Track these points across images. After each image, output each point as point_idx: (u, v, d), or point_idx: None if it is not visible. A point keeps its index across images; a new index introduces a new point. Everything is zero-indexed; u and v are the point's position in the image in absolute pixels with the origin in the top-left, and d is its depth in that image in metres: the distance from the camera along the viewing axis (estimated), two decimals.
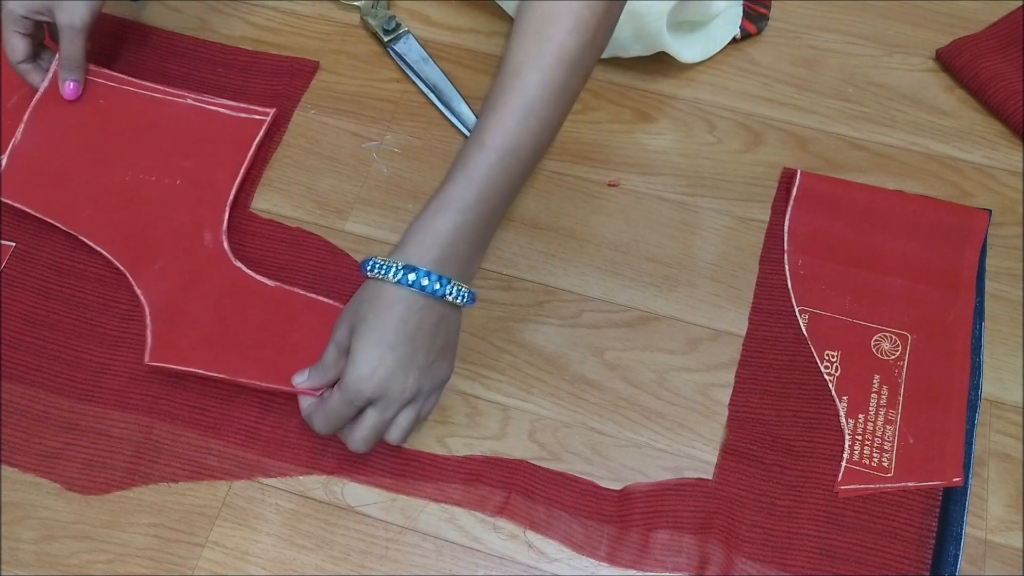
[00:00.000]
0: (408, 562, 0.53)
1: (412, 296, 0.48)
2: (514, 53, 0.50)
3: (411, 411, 0.51)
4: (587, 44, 0.50)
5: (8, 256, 0.62)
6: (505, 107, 0.49)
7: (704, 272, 0.62)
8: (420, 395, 0.51)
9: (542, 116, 0.49)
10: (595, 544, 0.53)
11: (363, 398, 0.49)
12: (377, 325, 0.48)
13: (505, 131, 0.49)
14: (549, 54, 0.49)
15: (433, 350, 0.50)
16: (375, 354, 0.48)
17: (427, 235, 0.49)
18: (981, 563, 0.53)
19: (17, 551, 0.53)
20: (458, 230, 0.49)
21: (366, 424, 0.50)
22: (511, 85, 0.49)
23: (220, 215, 0.62)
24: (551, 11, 0.49)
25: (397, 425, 0.51)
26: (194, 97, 0.66)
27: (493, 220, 0.51)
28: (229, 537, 0.54)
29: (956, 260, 0.62)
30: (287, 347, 0.56)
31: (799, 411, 0.57)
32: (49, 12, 0.62)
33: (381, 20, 0.72)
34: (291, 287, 0.59)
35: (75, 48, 0.63)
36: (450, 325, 0.51)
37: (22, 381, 0.58)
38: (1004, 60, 0.69)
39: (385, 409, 0.50)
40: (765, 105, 0.70)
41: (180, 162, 0.64)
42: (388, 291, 0.48)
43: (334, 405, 0.50)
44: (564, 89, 0.50)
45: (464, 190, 0.49)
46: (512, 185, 0.51)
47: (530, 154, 0.50)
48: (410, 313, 0.48)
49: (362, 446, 0.50)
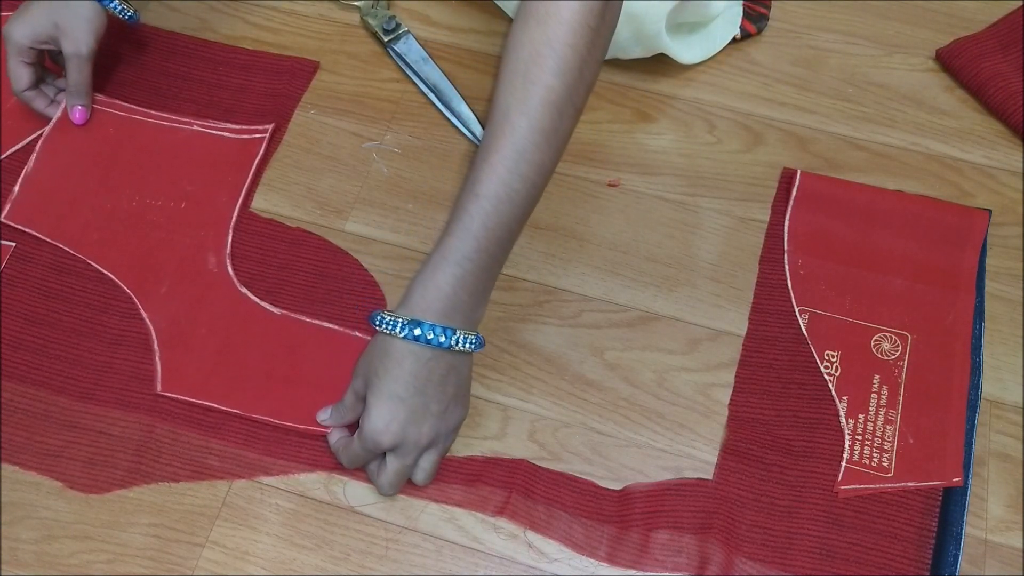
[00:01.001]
0: (408, 562, 0.53)
1: (420, 350, 0.50)
2: (501, 97, 0.50)
3: (433, 454, 0.53)
4: (573, 84, 0.50)
5: (8, 256, 0.62)
6: (496, 154, 0.49)
7: (704, 272, 0.62)
8: (438, 439, 0.53)
9: (533, 160, 0.50)
10: (595, 544, 0.53)
11: (381, 449, 0.51)
12: (388, 380, 0.50)
13: (498, 179, 0.49)
14: (535, 97, 0.49)
15: (445, 398, 0.51)
16: (388, 408, 0.50)
17: (429, 289, 0.50)
18: (981, 563, 0.53)
19: (17, 551, 0.53)
20: (459, 282, 0.50)
21: (389, 471, 0.52)
22: (500, 131, 0.50)
23: (223, 237, 0.63)
24: (535, 54, 0.49)
25: (421, 468, 0.53)
26: (200, 124, 0.67)
27: (494, 266, 0.52)
28: (229, 537, 0.54)
29: (956, 260, 0.62)
30: (295, 378, 0.58)
31: (799, 411, 0.57)
32: (54, 41, 0.63)
33: (381, 20, 0.72)
34: (296, 315, 0.60)
35: (82, 75, 0.64)
36: (460, 371, 0.52)
37: (23, 381, 0.58)
38: (1004, 60, 0.69)
39: (404, 456, 0.52)
40: (765, 105, 0.70)
41: (184, 186, 0.65)
42: (397, 346, 0.50)
43: (356, 450, 0.52)
44: (554, 132, 0.50)
45: (462, 242, 0.50)
46: (509, 231, 0.51)
47: (525, 199, 0.51)
48: (419, 366, 0.50)
49: (389, 490, 0.53)
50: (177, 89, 0.70)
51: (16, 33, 0.62)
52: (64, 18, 0.62)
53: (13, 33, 0.62)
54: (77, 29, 0.62)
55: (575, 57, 0.49)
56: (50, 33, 0.62)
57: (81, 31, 0.62)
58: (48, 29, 0.62)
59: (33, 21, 0.62)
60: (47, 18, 0.62)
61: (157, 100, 0.69)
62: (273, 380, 0.58)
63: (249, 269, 0.62)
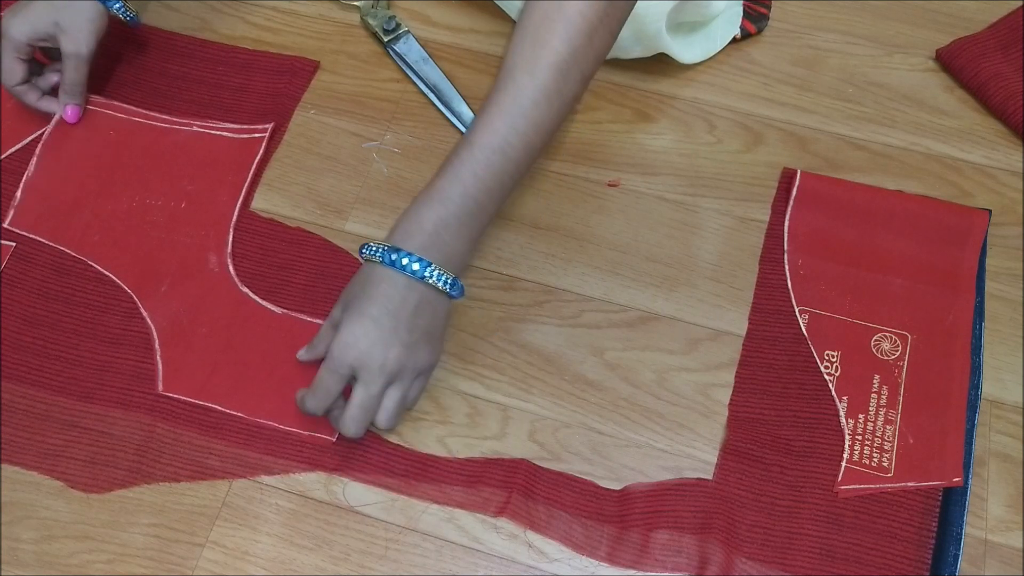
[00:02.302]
0: (408, 562, 0.53)
1: (396, 276, 0.51)
2: (510, 57, 0.52)
3: (396, 392, 0.53)
4: (581, 49, 0.51)
5: (8, 256, 0.62)
6: (495, 108, 0.51)
7: (704, 272, 0.62)
8: (404, 374, 0.52)
9: (532, 118, 0.51)
10: (595, 544, 0.53)
11: (346, 365, 0.51)
12: (363, 300, 0.51)
13: (493, 130, 0.51)
14: (542, 59, 0.51)
15: (415, 329, 0.52)
16: (358, 325, 0.51)
17: (412, 223, 0.52)
18: (981, 563, 0.53)
19: (17, 551, 0.53)
20: (441, 221, 0.51)
21: (354, 403, 0.52)
22: (503, 87, 0.51)
23: (224, 237, 0.63)
24: (547, 17, 0.51)
25: (384, 408, 0.53)
26: (199, 124, 0.67)
27: (481, 214, 0.53)
28: (229, 537, 0.54)
29: (956, 260, 0.62)
30: (297, 379, 0.57)
31: (799, 411, 0.57)
32: (53, 39, 0.63)
33: (381, 20, 0.72)
34: (297, 314, 0.60)
35: (79, 75, 0.64)
36: (435, 309, 0.53)
37: (23, 381, 0.58)
38: (1004, 60, 0.69)
39: (370, 384, 0.51)
40: (765, 105, 0.70)
41: (184, 185, 0.65)
42: (376, 271, 0.51)
43: (320, 377, 0.52)
44: (557, 93, 0.51)
45: (450, 184, 0.51)
46: (500, 183, 0.52)
47: (520, 153, 0.52)
48: (394, 290, 0.51)
49: (352, 426, 0.52)
50: (177, 89, 0.70)
51: (14, 29, 0.62)
52: (66, 17, 0.62)
53: (11, 29, 0.62)
54: (79, 29, 0.62)
55: (584, 23, 0.50)
56: (50, 31, 0.62)
57: (82, 31, 0.62)
58: (48, 27, 0.62)
59: (33, 18, 0.62)
60: (48, 16, 0.62)
61: (157, 100, 0.69)
62: (274, 379, 0.58)
63: (249, 269, 0.62)
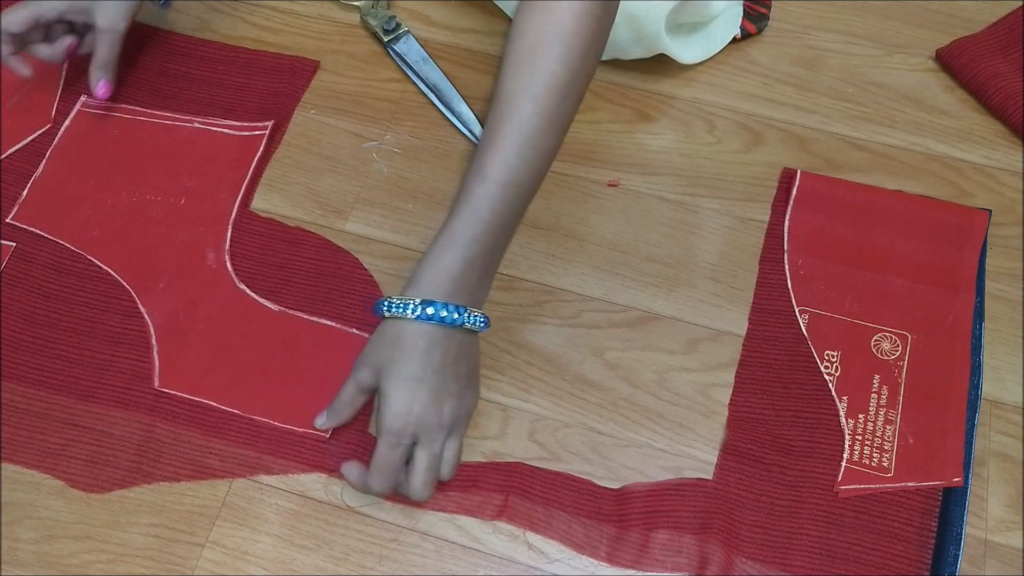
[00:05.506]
0: (408, 562, 0.53)
1: (433, 329, 0.50)
2: (507, 83, 0.52)
3: (454, 442, 0.52)
4: (577, 71, 0.51)
5: (8, 256, 0.62)
6: (503, 139, 0.51)
7: (704, 272, 0.62)
8: (459, 423, 0.52)
9: (538, 146, 0.51)
10: (595, 544, 0.53)
11: (406, 435, 0.50)
12: (404, 362, 0.50)
13: (505, 163, 0.51)
14: (541, 83, 0.51)
15: (461, 377, 0.51)
16: (407, 389, 0.49)
17: (438, 272, 0.50)
18: (981, 563, 0.53)
19: (17, 551, 0.53)
20: (467, 263, 0.51)
21: (420, 467, 0.51)
22: (507, 116, 0.51)
23: (223, 233, 0.63)
24: (540, 41, 0.51)
25: (446, 461, 0.52)
26: (200, 120, 0.68)
27: (499, 248, 0.53)
28: (229, 537, 0.54)
29: (956, 260, 0.62)
30: (294, 376, 0.57)
31: (799, 411, 0.57)
32: (88, 13, 0.63)
33: (381, 20, 0.72)
34: (295, 311, 0.60)
35: (113, 51, 0.64)
36: (472, 351, 0.53)
37: (23, 381, 0.58)
38: (1004, 60, 0.69)
39: (431, 443, 0.51)
40: (765, 105, 0.70)
41: (184, 181, 0.65)
42: (408, 328, 0.50)
43: (381, 454, 0.50)
44: (558, 116, 0.52)
45: (470, 224, 0.51)
46: (515, 214, 0.52)
47: (530, 182, 0.52)
48: (434, 346, 0.50)
49: (423, 491, 0.51)
50: (177, 89, 0.70)
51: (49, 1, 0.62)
52: None
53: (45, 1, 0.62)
54: (115, 6, 0.63)
55: (580, 45, 0.51)
56: (86, 5, 0.62)
57: (117, 8, 0.63)
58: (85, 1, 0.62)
59: None
60: None
61: (157, 100, 0.69)
62: (271, 376, 0.58)
63: (249, 268, 0.62)
